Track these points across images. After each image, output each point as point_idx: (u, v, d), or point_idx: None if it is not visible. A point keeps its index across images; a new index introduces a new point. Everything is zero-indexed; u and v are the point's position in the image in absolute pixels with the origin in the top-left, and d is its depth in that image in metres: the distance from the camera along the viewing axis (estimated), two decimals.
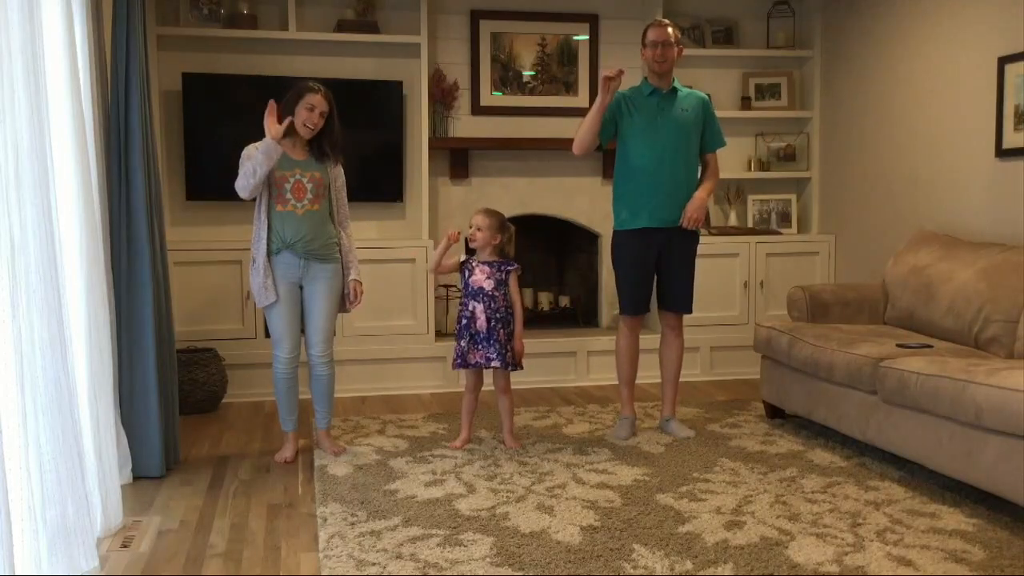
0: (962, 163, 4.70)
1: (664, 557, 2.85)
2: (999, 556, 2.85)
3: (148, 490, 3.62)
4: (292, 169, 3.88)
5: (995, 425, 3.09)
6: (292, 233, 3.86)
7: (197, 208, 5.43)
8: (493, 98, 5.81)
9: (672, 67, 4.24)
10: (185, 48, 5.34)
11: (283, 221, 3.86)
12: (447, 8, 5.72)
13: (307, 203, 3.88)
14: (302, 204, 3.87)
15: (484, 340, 4.02)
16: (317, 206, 3.92)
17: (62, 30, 3.01)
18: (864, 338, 4.06)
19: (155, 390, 3.73)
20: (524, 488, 3.53)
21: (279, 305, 3.91)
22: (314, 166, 3.94)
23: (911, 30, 5.09)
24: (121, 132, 3.67)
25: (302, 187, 3.87)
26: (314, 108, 3.84)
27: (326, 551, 2.92)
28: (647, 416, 4.71)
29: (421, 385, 5.46)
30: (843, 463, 3.84)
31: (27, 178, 2.44)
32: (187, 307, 5.11)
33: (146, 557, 2.95)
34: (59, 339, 2.61)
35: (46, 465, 2.55)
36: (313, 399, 4.08)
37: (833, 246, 5.91)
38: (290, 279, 3.92)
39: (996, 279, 3.94)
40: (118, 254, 3.66)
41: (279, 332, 3.97)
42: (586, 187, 5.95)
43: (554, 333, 5.80)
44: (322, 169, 3.95)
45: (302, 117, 3.83)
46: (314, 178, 3.91)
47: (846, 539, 2.98)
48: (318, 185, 3.92)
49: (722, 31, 6.05)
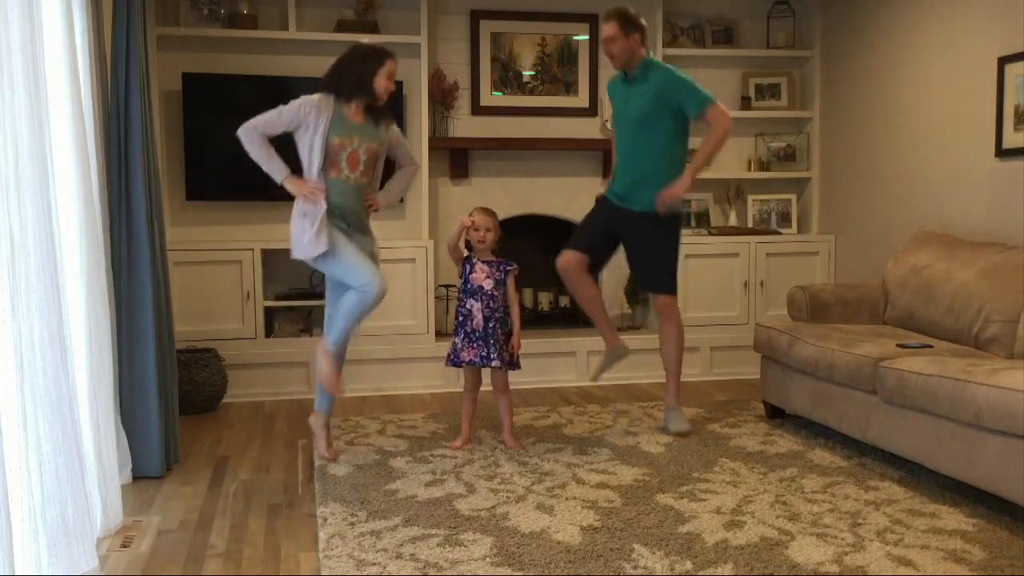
0: (962, 163, 4.70)
1: (664, 557, 2.85)
2: (999, 556, 2.85)
3: (148, 490, 3.62)
4: (351, 136, 3.80)
5: (995, 425, 3.09)
6: (338, 200, 3.78)
7: (197, 208, 5.43)
8: (493, 98, 5.81)
9: (625, 59, 4.28)
10: (185, 48, 5.34)
11: (333, 188, 3.78)
12: (447, 8, 5.72)
13: (358, 175, 3.84)
14: (354, 175, 3.82)
15: (480, 339, 4.02)
16: (366, 178, 3.89)
17: (62, 30, 3.01)
18: (864, 338, 4.06)
19: (155, 390, 3.73)
20: (524, 488, 3.53)
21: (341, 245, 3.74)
22: (371, 134, 3.87)
23: (911, 30, 5.09)
24: (121, 132, 3.67)
25: (357, 158, 3.82)
26: (392, 76, 3.84)
27: (326, 551, 2.92)
28: (647, 416, 4.71)
29: (421, 385, 5.46)
30: (843, 463, 3.84)
31: (27, 178, 2.44)
32: (187, 307, 5.11)
33: (146, 557, 2.95)
34: (59, 339, 2.61)
35: (46, 465, 2.55)
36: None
37: (833, 246, 5.91)
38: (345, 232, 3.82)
39: (996, 279, 3.94)
40: (118, 254, 3.66)
41: (354, 263, 3.72)
42: (586, 187, 5.94)
43: (554, 333, 5.80)
44: (377, 138, 3.90)
45: (383, 85, 3.80)
46: (370, 149, 3.86)
47: (846, 539, 2.98)
48: (372, 156, 3.87)
49: (722, 31, 6.05)
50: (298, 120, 3.75)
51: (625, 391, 5.43)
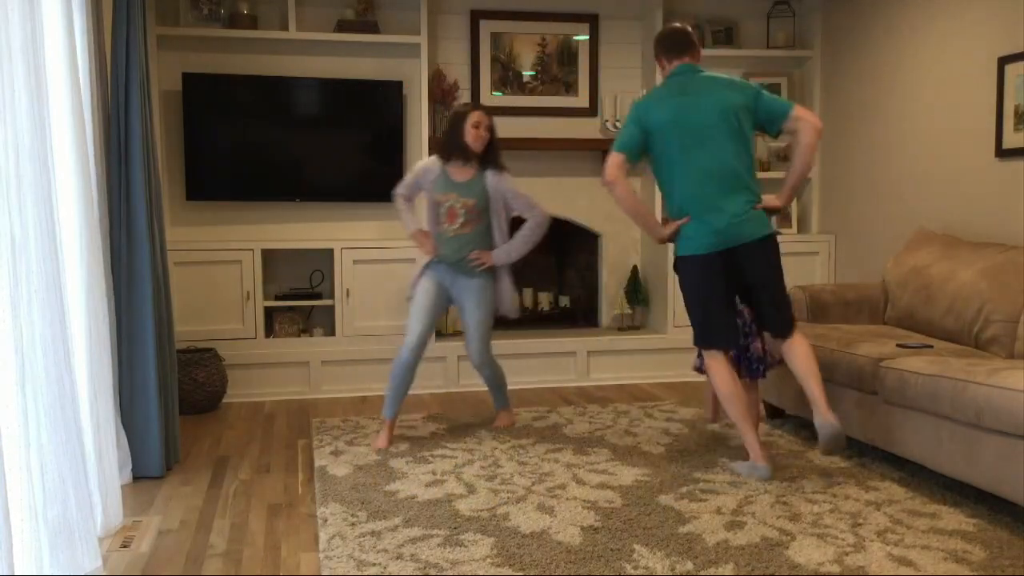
0: (962, 163, 4.70)
1: (665, 557, 2.85)
2: (999, 556, 2.85)
3: (148, 490, 3.61)
4: (448, 193, 4.19)
5: (995, 425, 3.09)
6: (442, 249, 4.24)
7: (197, 208, 5.43)
8: (493, 98, 5.81)
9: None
10: (185, 48, 5.34)
11: (437, 239, 4.25)
12: (447, 8, 5.72)
13: (457, 227, 4.19)
14: (452, 228, 4.20)
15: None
16: (468, 229, 4.20)
17: (62, 30, 3.01)
18: (864, 338, 4.06)
19: (155, 390, 3.73)
20: (524, 488, 3.53)
21: (416, 297, 4.26)
22: (471, 191, 4.18)
23: (911, 30, 5.09)
24: (121, 132, 3.67)
25: (455, 213, 4.19)
26: (479, 124, 4.15)
27: (326, 551, 2.92)
28: (647, 416, 4.71)
29: (421, 385, 5.42)
30: (843, 463, 3.84)
31: (28, 178, 2.44)
32: (187, 307, 5.11)
33: (146, 557, 2.95)
34: (60, 339, 2.61)
35: (47, 464, 2.55)
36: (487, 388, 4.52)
37: (833, 246, 5.91)
38: (439, 280, 4.26)
39: (996, 279, 3.94)
40: (118, 254, 3.66)
41: (409, 319, 4.23)
42: (586, 187, 5.95)
43: (554, 333, 5.81)
44: (478, 194, 4.18)
45: (471, 136, 4.14)
46: (467, 205, 4.18)
47: (847, 539, 2.98)
48: (470, 212, 4.18)
49: (722, 31, 6.05)
50: (418, 181, 4.31)
51: (625, 391, 5.43)
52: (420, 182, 4.29)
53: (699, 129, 3.60)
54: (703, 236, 3.58)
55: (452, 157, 4.20)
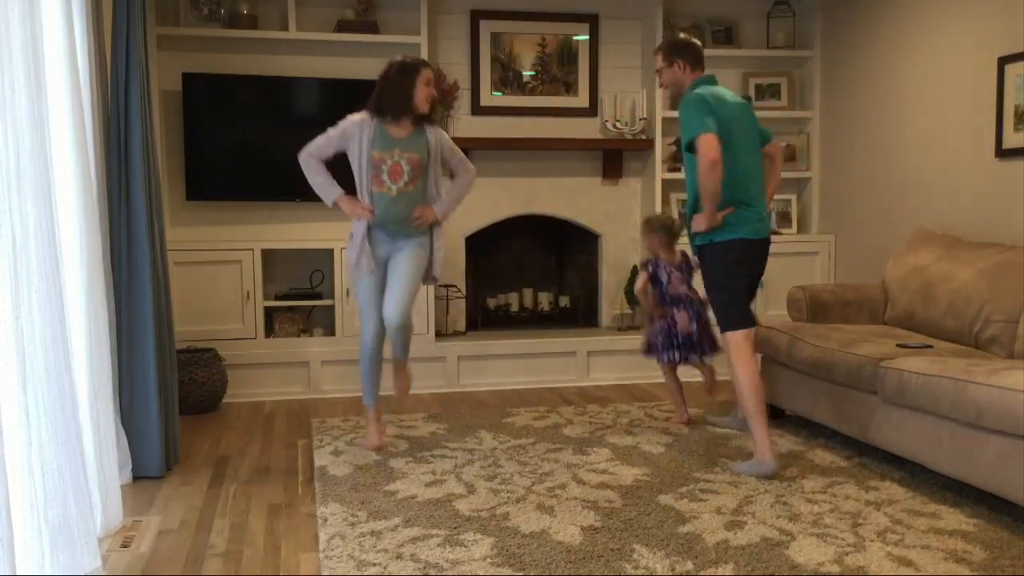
0: (962, 163, 4.70)
1: (665, 557, 2.85)
2: (1000, 556, 2.85)
3: (148, 490, 3.62)
4: (391, 150, 3.90)
5: (995, 425, 3.09)
6: (383, 213, 3.93)
7: (197, 208, 5.43)
8: (493, 98, 5.81)
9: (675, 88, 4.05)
10: (185, 48, 5.34)
11: (377, 201, 3.92)
12: (447, 8, 5.72)
13: (402, 184, 3.92)
14: (397, 186, 3.91)
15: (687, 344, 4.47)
16: (412, 187, 3.94)
17: (62, 30, 3.01)
18: (864, 338, 4.06)
19: (155, 390, 3.73)
20: (524, 488, 3.53)
21: (365, 280, 3.99)
22: (413, 145, 3.94)
23: (911, 30, 5.09)
24: (121, 132, 3.67)
25: (399, 169, 3.91)
26: (430, 82, 3.93)
27: (326, 551, 2.92)
28: (647, 416, 4.71)
29: (421, 385, 5.45)
30: (843, 463, 3.84)
31: (28, 179, 2.44)
32: (187, 307, 5.12)
33: (146, 557, 2.95)
34: (61, 339, 2.61)
35: (48, 464, 2.55)
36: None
37: (833, 246, 5.91)
38: (380, 256, 3.99)
39: (996, 279, 3.94)
40: (118, 254, 3.66)
41: (363, 306, 4.04)
42: (586, 187, 5.95)
43: (554, 333, 5.81)
44: (420, 147, 3.95)
45: (424, 94, 3.90)
46: (412, 159, 3.92)
47: (847, 539, 2.98)
48: (416, 167, 3.93)
49: (722, 31, 6.05)
50: (344, 140, 3.92)
51: (625, 391, 5.43)
52: (346, 141, 3.92)
53: (747, 132, 3.93)
54: (751, 223, 3.82)
55: (391, 114, 3.89)
